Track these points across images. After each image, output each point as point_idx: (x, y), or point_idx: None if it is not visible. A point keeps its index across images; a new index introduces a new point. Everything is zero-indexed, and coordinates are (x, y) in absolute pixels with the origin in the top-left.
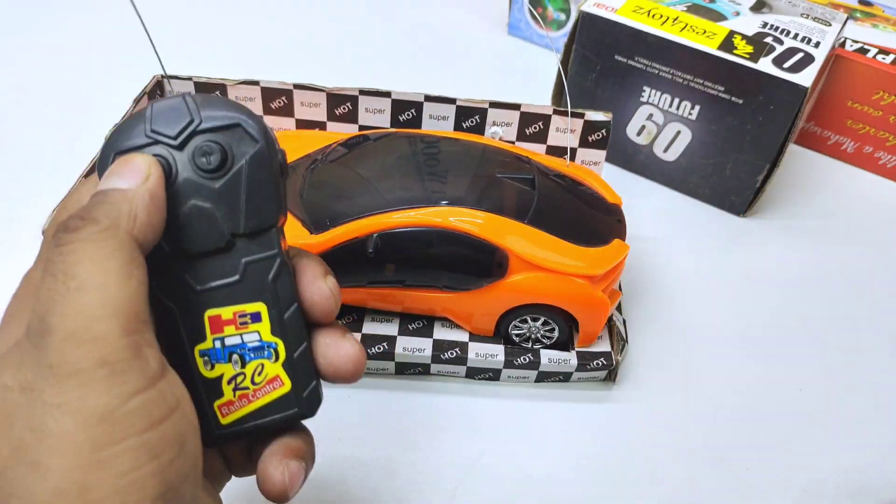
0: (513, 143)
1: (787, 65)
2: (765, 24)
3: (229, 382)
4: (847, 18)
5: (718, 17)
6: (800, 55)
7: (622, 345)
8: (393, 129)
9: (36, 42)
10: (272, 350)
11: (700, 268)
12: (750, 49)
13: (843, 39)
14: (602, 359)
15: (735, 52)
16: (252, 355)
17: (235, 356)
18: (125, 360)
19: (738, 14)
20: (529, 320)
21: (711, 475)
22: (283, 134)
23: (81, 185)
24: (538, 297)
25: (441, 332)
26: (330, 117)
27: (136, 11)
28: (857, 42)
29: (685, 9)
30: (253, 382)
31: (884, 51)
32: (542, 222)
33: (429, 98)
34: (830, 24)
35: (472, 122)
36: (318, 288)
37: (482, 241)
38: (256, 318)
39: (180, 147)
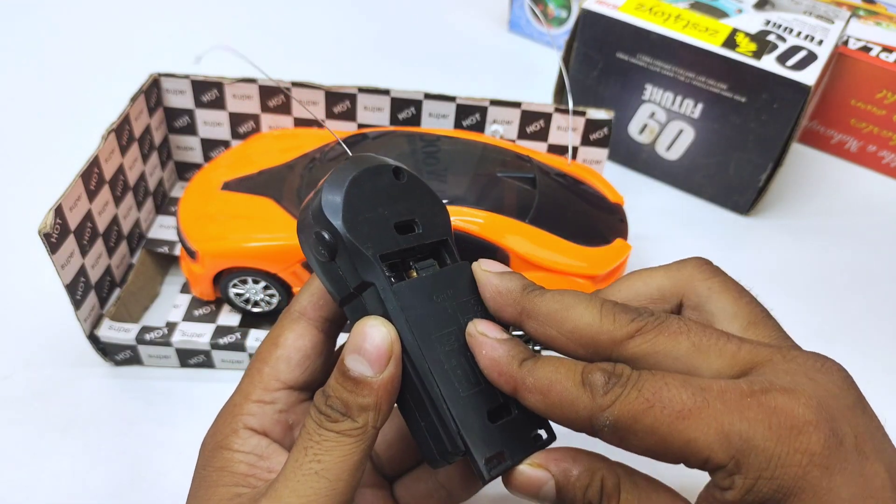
0: (513, 141)
1: (790, 63)
2: (768, 22)
3: None
4: (850, 16)
5: (721, 14)
6: (803, 53)
7: None
8: (392, 128)
9: (33, 40)
10: None
11: None
12: (753, 47)
13: (846, 37)
14: None
15: (738, 49)
16: None
17: None
18: None
19: (740, 11)
20: None
21: None
22: (281, 132)
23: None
24: None
25: None
26: (328, 115)
27: None
28: (860, 40)
29: (688, 6)
30: None
31: (887, 49)
32: (543, 221)
33: (428, 96)
34: (833, 22)
35: (472, 120)
36: None
37: (482, 241)
38: None
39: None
